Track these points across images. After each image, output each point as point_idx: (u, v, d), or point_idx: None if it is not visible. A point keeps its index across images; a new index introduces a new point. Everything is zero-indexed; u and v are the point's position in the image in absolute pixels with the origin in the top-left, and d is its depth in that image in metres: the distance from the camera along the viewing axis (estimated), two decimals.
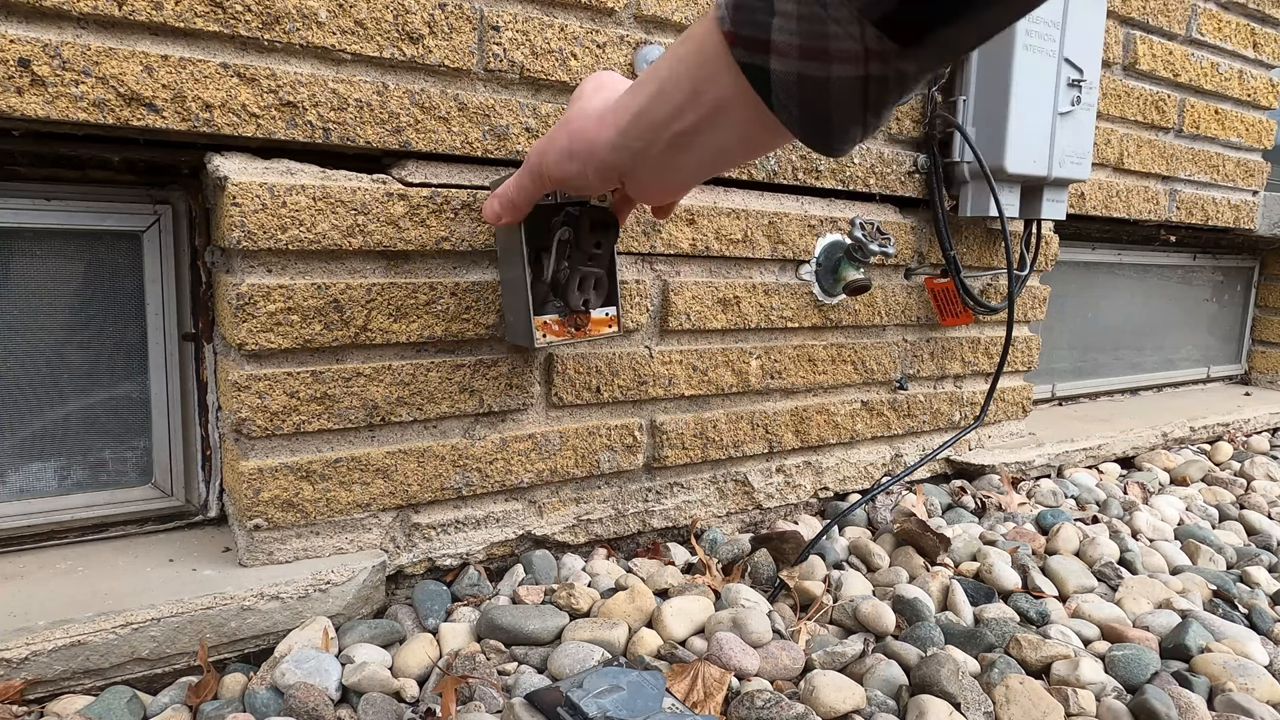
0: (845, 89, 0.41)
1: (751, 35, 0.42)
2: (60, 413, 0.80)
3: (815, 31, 0.40)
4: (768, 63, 0.42)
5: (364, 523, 0.82)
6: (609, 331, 0.77)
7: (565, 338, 0.73)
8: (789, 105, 0.43)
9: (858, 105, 0.42)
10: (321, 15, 0.72)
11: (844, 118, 0.43)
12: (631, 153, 0.52)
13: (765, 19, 0.41)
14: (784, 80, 0.42)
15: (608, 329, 0.76)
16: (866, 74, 0.41)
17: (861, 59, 0.40)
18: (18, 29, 0.63)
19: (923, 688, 0.73)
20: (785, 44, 0.41)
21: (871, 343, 1.15)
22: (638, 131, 0.51)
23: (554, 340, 0.72)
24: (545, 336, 0.72)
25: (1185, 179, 1.63)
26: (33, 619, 0.67)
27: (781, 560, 0.95)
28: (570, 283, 0.73)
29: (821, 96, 0.42)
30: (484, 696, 0.68)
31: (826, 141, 0.45)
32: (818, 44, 0.40)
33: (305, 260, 0.74)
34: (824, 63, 0.40)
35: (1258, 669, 0.79)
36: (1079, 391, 1.81)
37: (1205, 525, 1.22)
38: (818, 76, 0.41)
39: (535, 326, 0.72)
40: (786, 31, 0.41)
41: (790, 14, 0.40)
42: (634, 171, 0.54)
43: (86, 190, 0.77)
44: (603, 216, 0.72)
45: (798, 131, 0.45)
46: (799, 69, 0.41)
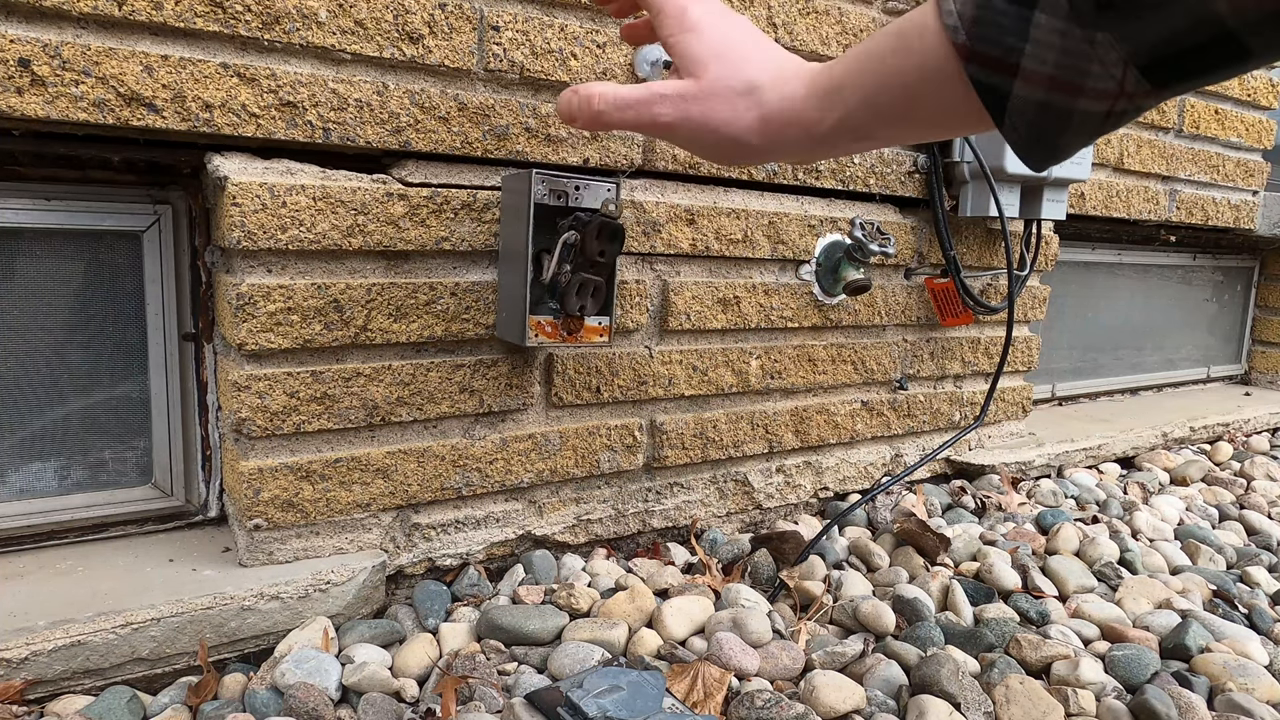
0: (1085, 120, 0.42)
1: (994, 55, 0.42)
2: (60, 413, 0.80)
3: (1074, 67, 0.40)
4: (1009, 86, 0.42)
5: (364, 523, 0.82)
6: (599, 340, 0.77)
7: (556, 340, 0.73)
8: (1019, 127, 0.43)
9: (1088, 135, 0.43)
10: (321, 15, 0.72)
11: (1070, 143, 0.44)
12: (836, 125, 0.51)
13: (1016, 44, 0.41)
14: (1023, 104, 0.42)
15: (598, 338, 0.76)
16: (1111, 110, 0.41)
17: (1114, 97, 0.41)
18: (18, 29, 0.63)
19: (923, 688, 0.73)
20: (1036, 72, 0.41)
21: (871, 343, 1.15)
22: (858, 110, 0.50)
23: (544, 341, 0.72)
24: (537, 336, 0.72)
25: (1185, 179, 1.63)
26: (33, 619, 0.67)
27: (781, 560, 0.95)
28: (570, 287, 0.73)
29: (1059, 124, 0.42)
30: (484, 696, 0.68)
31: (1043, 160, 0.45)
32: (1073, 79, 0.40)
33: (305, 260, 0.74)
34: (1073, 96, 0.41)
35: (1258, 669, 0.79)
36: (1079, 391, 1.81)
37: (1205, 525, 1.22)
38: (1062, 107, 0.41)
39: (529, 325, 0.72)
40: (1039, 60, 0.41)
41: (1049, 45, 0.40)
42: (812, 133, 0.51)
43: (86, 190, 0.77)
44: (611, 227, 0.72)
45: (1020, 150, 0.45)
46: (1044, 98, 0.42)
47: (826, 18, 1.02)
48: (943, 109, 0.46)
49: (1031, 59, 0.41)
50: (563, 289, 0.73)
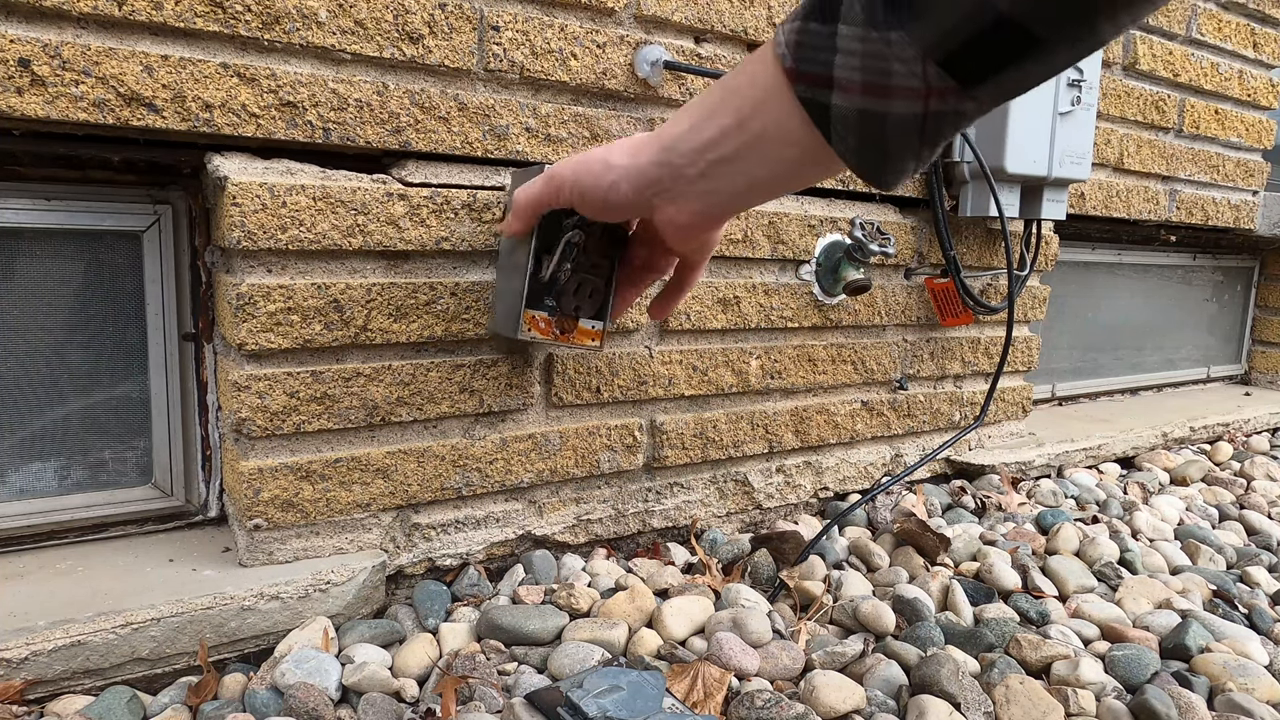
0: (904, 124, 0.43)
1: (813, 72, 0.44)
2: (60, 413, 0.80)
3: (878, 69, 0.41)
4: (829, 98, 0.44)
5: (364, 523, 0.82)
6: (590, 344, 0.76)
7: (549, 337, 0.73)
8: (847, 138, 0.45)
9: (914, 139, 0.44)
10: (321, 15, 0.72)
11: (900, 150, 0.44)
12: (673, 169, 0.53)
13: (828, 56, 0.43)
14: (844, 114, 0.44)
15: (590, 341, 0.76)
16: (926, 110, 0.42)
17: (922, 96, 0.42)
18: (18, 29, 0.63)
19: (923, 688, 0.73)
20: (847, 80, 0.43)
21: (871, 343, 1.15)
22: (682, 149, 0.52)
23: (536, 336, 0.72)
24: (530, 330, 0.72)
25: (1185, 179, 1.63)
26: (33, 619, 0.67)
27: (781, 560, 0.95)
28: (568, 286, 0.73)
29: (880, 130, 0.43)
30: (484, 696, 0.68)
31: (880, 173, 0.46)
32: (880, 80, 0.42)
33: (305, 260, 0.74)
34: (885, 98, 0.42)
35: (1258, 669, 0.79)
36: (1079, 391, 1.81)
37: (1205, 525, 1.22)
38: (877, 111, 0.43)
39: (523, 318, 0.72)
40: (849, 69, 0.42)
41: (854, 52, 0.42)
42: (671, 189, 0.54)
43: (86, 190, 0.77)
44: (616, 230, 0.72)
45: (853, 162, 0.46)
46: (860, 104, 0.43)
47: None
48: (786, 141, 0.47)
49: (841, 68, 0.43)
50: (561, 287, 0.73)
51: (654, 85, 0.90)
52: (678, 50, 0.91)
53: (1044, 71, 0.41)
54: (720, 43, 0.95)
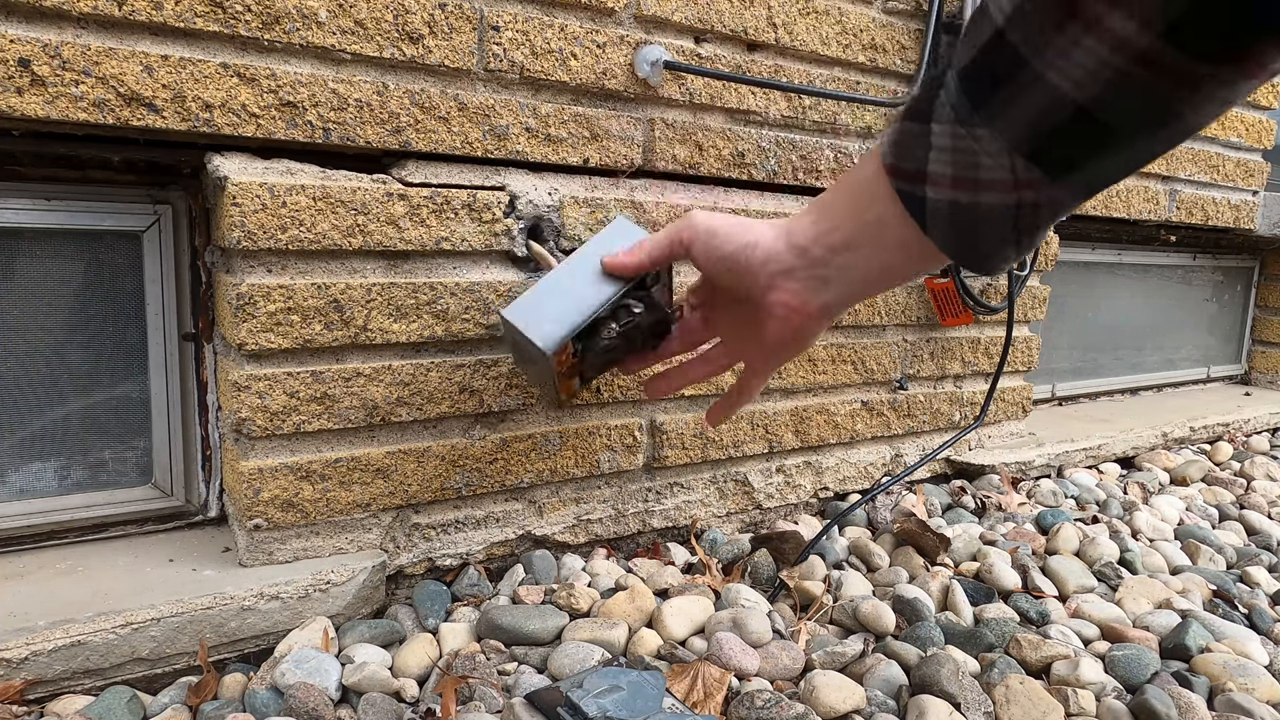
0: (995, 214, 0.45)
1: (909, 168, 0.47)
2: (60, 413, 0.80)
3: (967, 163, 0.44)
4: (924, 191, 0.47)
5: (364, 523, 0.82)
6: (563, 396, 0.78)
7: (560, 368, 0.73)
8: (941, 227, 0.48)
9: (1008, 228, 0.46)
10: (321, 15, 0.72)
11: (991, 240, 0.47)
12: (797, 250, 0.57)
13: (922, 154, 0.46)
14: (937, 207, 0.47)
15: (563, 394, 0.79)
16: (1018, 201, 0.44)
17: (1011, 187, 0.44)
18: (18, 29, 0.63)
19: (923, 688, 0.73)
20: (939, 175, 0.46)
21: (871, 343, 1.15)
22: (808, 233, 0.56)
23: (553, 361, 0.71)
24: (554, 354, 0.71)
25: (1185, 179, 1.63)
26: (33, 619, 0.67)
27: (781, 560, 0.95)
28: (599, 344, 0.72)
29: (972, 221, 0.46)
30: (484, 696, 0.68)
31: (980, 261, 0.49)
32: (969, 174, 0.44)
33: (305, 260, 0.74)
34: (974, 191, 0.45)
35: (1258, 669, 0.79)
36: (1079, 391, 1.81)
37: (1205, 525, 1.22)
38: (966, 203, 0.45)
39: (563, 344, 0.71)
40: (940, 164, 0.45)
41: (945, 148, 0.45)
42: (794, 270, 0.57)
43: (86, 190, 0.77)
44: (664, 327, 0.73)
45: (950, 251, 0.49)
46: (951, 197, 0.46)
47: (826, 18, 1.02)
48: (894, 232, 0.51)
49: (935, 163, 0.45)
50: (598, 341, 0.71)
51: (654, 85, 0.90)
52: (678, 50, 0.91)
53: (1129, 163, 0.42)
54: (720, 43, 0.95)
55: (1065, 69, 0.39)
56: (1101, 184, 0.44)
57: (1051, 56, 0.39)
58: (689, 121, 0.94)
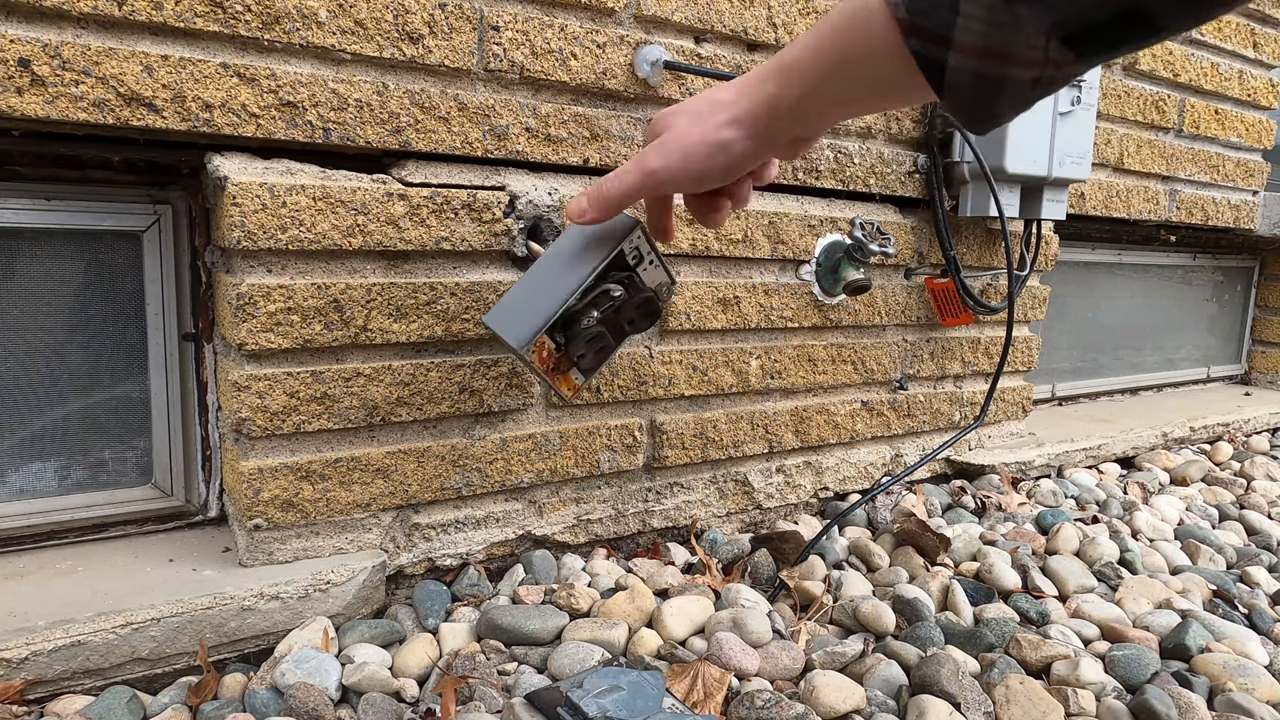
0: (1016, 87, 0.46)
1: (929, 28, 0.45)
2: (60, 413, 0.80)
3: (1001, 38, 0.44)
4: (945, 57, 0.46)
5: (364, 523, 0.82)
6: (565, 393, 0.76)
7: (542, 366, 0.72)
8: (960, 93, 0.47)
9: (1023, 101, 0.47)
10: (321, 15, 0.72)
11: (1007, 107, 0.47)
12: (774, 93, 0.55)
13: (948, 17, 0.44)
14: (959, 73, 0.46)
15: (566, 390, 0.75)
16: (1040, 77, 0.45)
17: (1040, 65, 0.44)
18: (18, 29, 0.63)
19: (923, 688, 0.73)
20: (968, 44, 0.45)
21: (871, 343, 1.15)
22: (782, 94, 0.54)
23: (534, 361, 0.71)
24: (533, 352, 0.70)
25: (1185, 179, 1.63)
26: (33, 619, 0.67)
27: (781, 560, 0.95)
28: (584, 333, 0.71)
29: (994, 91, 0.46)
30: (484, 696, 0.68)
31: (983, 124, 0.49)
32: (1001, 48, 0.44)
33: (305, 260, 0.74)
34: (1003, 64, 0.44)
35: (1258, 669, 0.79)
36: (1079, 391, 1.81)
37: (1205, 525, 1.22)
38: (994, 75, 0.45)
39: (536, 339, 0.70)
40: (970, 33, 0.44)
41: (977, 17, 0.44)
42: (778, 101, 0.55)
43: (86, 190, 0.77)
44: (655, 306, 0.72)
45: (962, 116, 0.49)
46: (977, 67, 0.45)
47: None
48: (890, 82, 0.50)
49: (963, 31, 0.44)
50: (577, 330, 0.71)
51: (654, 85, 0.90)
52: (678, 50, 0.91)
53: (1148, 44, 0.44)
54: (720, 43, 0.95)
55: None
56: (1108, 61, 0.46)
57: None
58: None
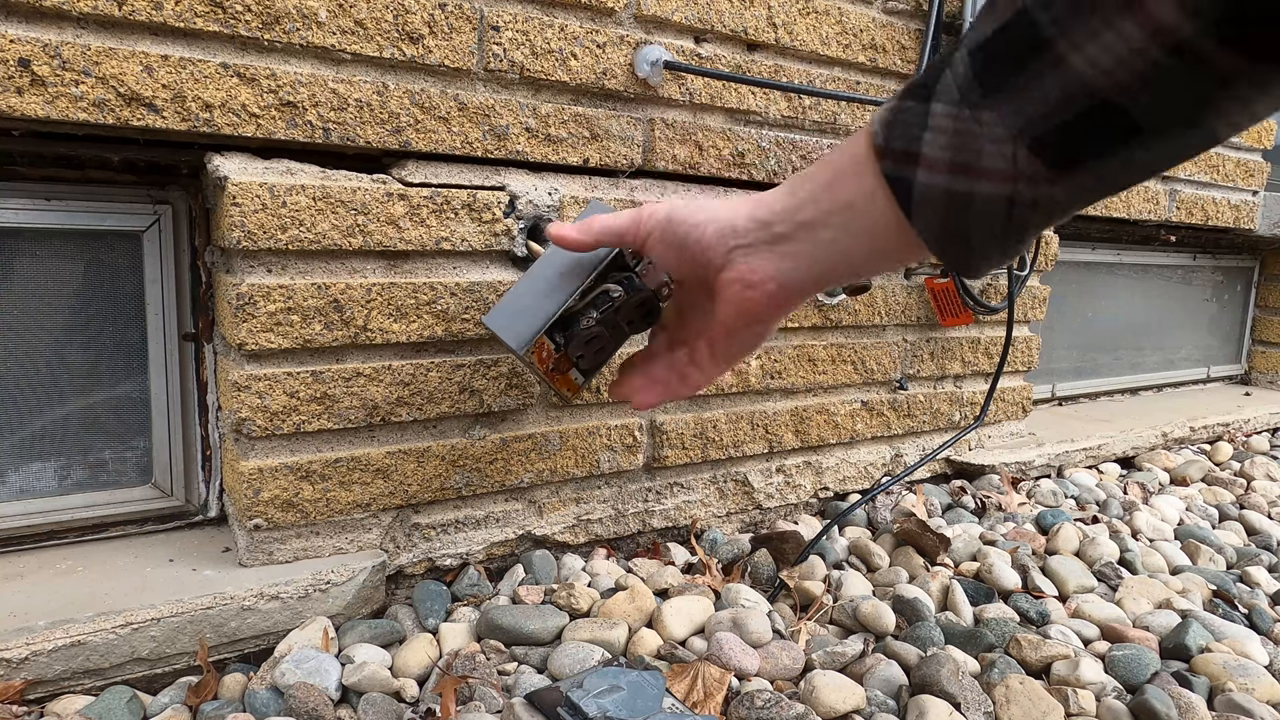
0: (988, 207, 0.42)
1: (901, 149, 0.44)
2: (60, 413, 0.80)
3: (967, 147, 0.41)
4: (914, 175, 0.43)
5: (364, 523, 0.82)
6: (565, 394, 0.75)
7: (541, 367, 0.72)
8: (929, 217, 0.44)
9: (999, 226, 0.43)
10: (321, 15, 0.72)
11: (983, 236, 0.43)
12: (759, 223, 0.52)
13: (918, 133, 0.43)
14: (927, 193, 0.43)
15: (566, 391, 0.75)
16: (1013, 194, 0.41)
17: (1010, 179, 0.41)
18: (18, 29, 0.63)
19: (923, 688, 0.73)
20: (935, 158, 0.42)
21: (871, 343, 1.15)
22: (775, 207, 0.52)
23: (534, 361, 0.71)
24: (533, 353, 0.71)
25: (1185, 179, 1.63)
26: (33, 619, 0.67)
27: (781, 560, 0.95)
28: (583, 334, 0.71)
29: (964, 212, 0.43)
30: (484, 696, 0.68)
31: (965, 259, 0.45)
32: (968, 160, 0.41)
33: (305, 260, 0.74)
34: (971, 178, 0.41)
35: (1258, 669, 0.79)
36: (1079, 391, 1.81)
37: (1205, 525, 1.22)
38: (962, 191, 0.42)
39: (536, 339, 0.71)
40: (937, 146, 0.42)
41: (944, 129, 0.41)
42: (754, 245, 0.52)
43: (86, 190, 0.77)
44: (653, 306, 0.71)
45: (934, 245, 0.45)
46: (946, 183, 0.42)
47: (826, 18, 1.02)
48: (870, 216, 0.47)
49: (930, 145, 0.42)
50: (576, 330, 0.71)
51: (654, 85, 0.90)
52: (678, 50, 0.91)
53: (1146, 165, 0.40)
54: (720, 43, 0.95)
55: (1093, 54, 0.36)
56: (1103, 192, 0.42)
57: (1080, 38, 0.36)
58: (689, 121, 0.94)
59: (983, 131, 0.40)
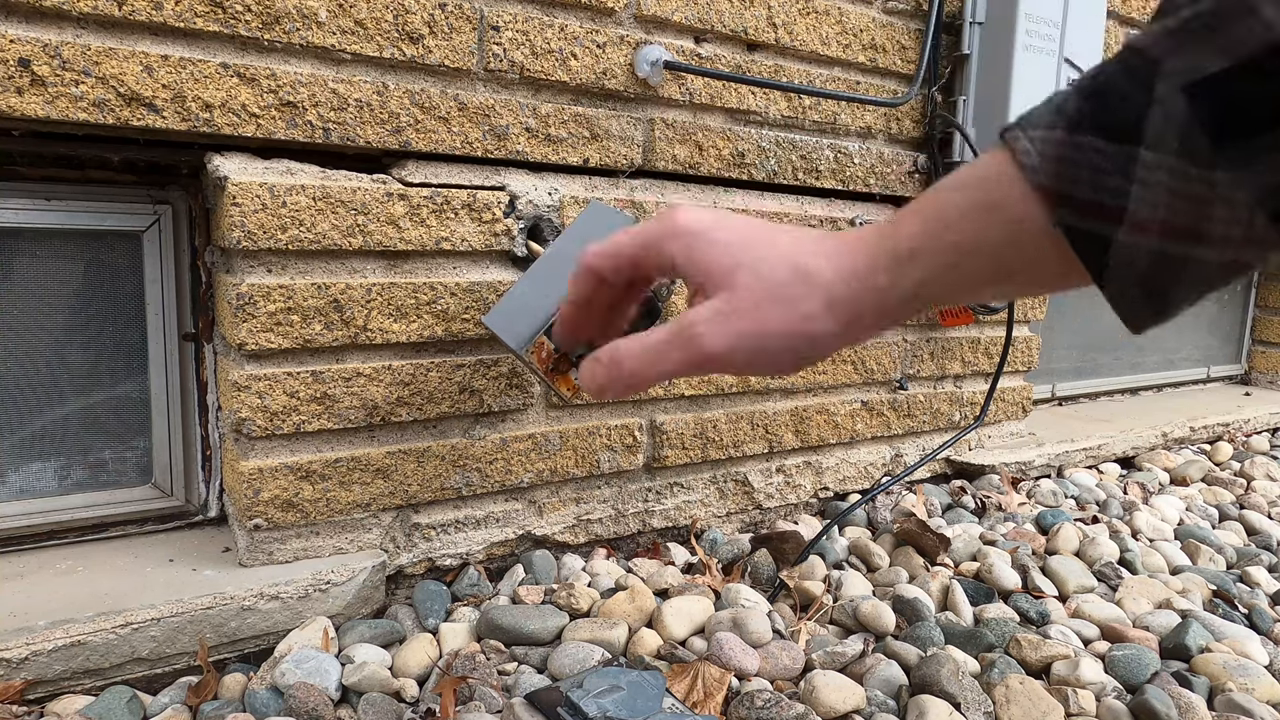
0: (1202, 271, 0.36)
1: (1092, 200, 0.36)
2: (60, 413, 0.80)
3: (1192, 211, 0.35)
4: (1113, 233, 0.36)
5: (364, 523, 0.82)
6: (564, 393, 0.74)
7: (540, 367, 0.72)
8: (1125, 279, 0.38)
9: (1203, 289, 0.37)
10: (321, 15, 0.72)
11: (1181, 299, 0.38)
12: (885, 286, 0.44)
13: (1120, 184, 0.35)
14: (1131, 254, 0.36)
15: (565, 390, 0.74)
16: (1235, 260, 0.36)
17: (1238, 245, 0.35)
18: (18, 29, 0.63)
19: (923, 688, 0.73)
20: (1147, 219, 0.35)
21: (871, 343, 1.15)
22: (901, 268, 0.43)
23: (534, 361, 0.71)
24: (533, 353, 0.71)
25: None
26: (33, 619, 0.67)
27: (781, 560, 0.95)
28: None
29: (1172, 276, 0.37)
30: (484, 696, 0.68)
31: (1148, 319, 0.40)
32: (1192, 224, 0.35)
33: (305, 260, 0.74)
34: (1192, 243, 0.35)
35: (1258, 669, 0.79)
36: (1079, 391, 1.81)
37: (1205, 525, 1.22)
38: (1177, 256, 0.36)
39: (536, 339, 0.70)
40: (1151, 205, 0.35)
41: (1160, 185, 0.35)
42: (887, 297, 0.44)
43: (86, 190, 0.77)
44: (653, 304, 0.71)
45: (1123, 309, 0.40)
46: (1158, 246, 0.36)
47: (826, 18, 1.02)
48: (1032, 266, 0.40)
49: (1140, 201, 0.35)
50: None
51: (654, 85, 0.90)
52: (678, 50, 0.91)
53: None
54: (720, 43, 0.95)
55: None
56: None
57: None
58: (689, 121, 0.94)
59: (1216, 194, 0.34)
